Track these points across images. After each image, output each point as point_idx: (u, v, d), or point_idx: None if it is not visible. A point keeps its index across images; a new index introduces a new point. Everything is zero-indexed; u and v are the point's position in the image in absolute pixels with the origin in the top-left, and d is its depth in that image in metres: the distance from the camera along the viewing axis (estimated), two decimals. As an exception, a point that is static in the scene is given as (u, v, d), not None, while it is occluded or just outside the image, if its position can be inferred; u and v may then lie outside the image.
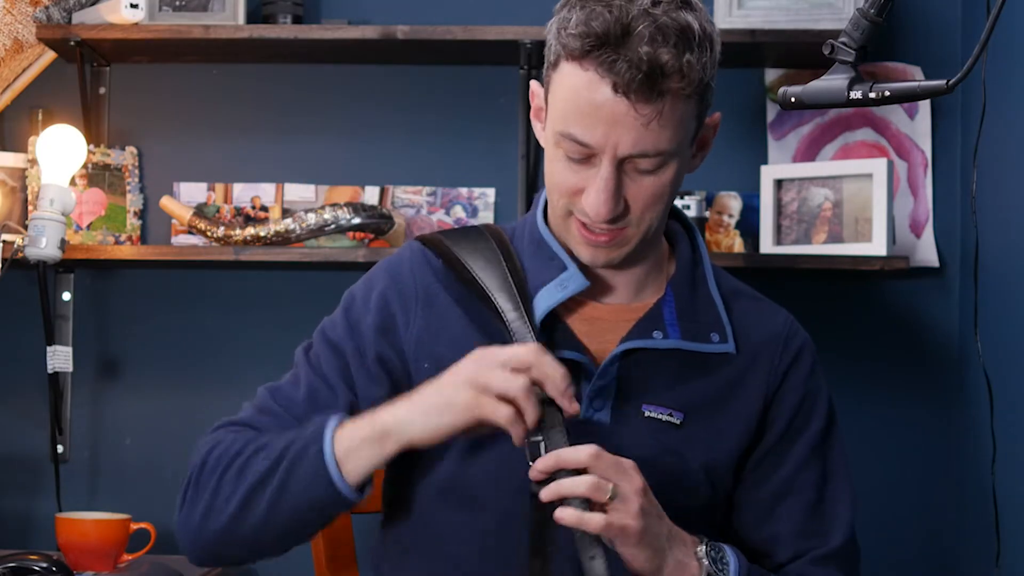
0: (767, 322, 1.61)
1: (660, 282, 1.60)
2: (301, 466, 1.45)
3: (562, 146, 1.47)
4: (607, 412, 1.52)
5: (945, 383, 2.57)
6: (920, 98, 1.29)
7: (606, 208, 1.45)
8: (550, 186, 1.53)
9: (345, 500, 1.44)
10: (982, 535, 2.34)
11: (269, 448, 1.49)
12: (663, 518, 1.41)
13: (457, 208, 2.61)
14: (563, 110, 1.46)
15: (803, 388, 1.59)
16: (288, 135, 2.64)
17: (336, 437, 1.44)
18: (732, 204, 2.58)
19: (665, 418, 1.53)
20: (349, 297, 1.62)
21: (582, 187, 1.47)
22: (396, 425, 1.42)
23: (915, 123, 2.58)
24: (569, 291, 1.53)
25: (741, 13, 2.50)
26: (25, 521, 2.60)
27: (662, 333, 1.54)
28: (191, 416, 2.62)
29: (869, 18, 1.28)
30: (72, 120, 2.53)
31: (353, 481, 1.44)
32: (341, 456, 1.43)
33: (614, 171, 1.45)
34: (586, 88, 1.43)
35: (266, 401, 1.59)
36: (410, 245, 1.62)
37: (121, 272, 2.65)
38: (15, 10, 2.48)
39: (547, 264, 1.55)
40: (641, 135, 1.43)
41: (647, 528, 1.38)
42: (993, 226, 2.35)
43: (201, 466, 1.53)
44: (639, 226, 1.50)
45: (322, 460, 1.43)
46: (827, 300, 2.57)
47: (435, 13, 2.57)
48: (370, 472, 1.45)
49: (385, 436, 1.42)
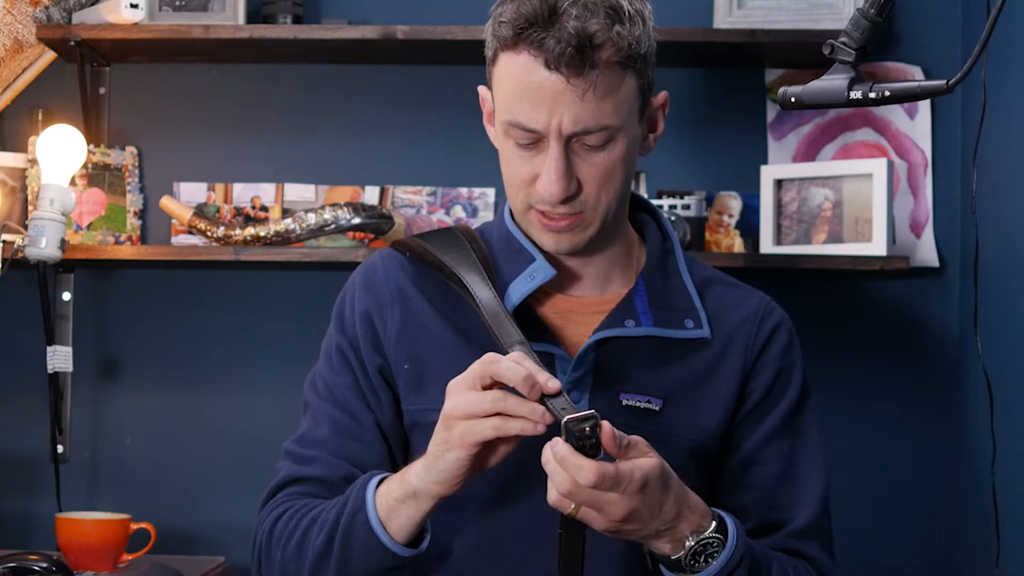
0: (741, 304, 1.63)
1: (631, 272, 1.62)
2: (354, 539, 1.46)
3: (511, 135, 1.50)
4: (585, 404, 1.53)
5: (945, 383, 2.57)
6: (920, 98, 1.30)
7: (559, 187, 1.48)
8: (507, 182, 1.56)
9: (404, 559, 1.46)
10: (982, 535, 2.34)
11: (321, 522, 1.50)
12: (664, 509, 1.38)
13: (457, 208, 2.61)
14: (506, 99, 1.50)
15: (779, 363, 1.61)
16: (288, 135, 2.64)
17: (377, 502, 1.46)
18: (732, 204, 2.58)
19: (644, 405, 1.55)
20: (338, 313, 1.64)
21: (536, 174, 1.50)
22: (420, 483, 1.43)
23: (915, 123, 2.58)
24: (538, 281, 1.56)
25: (741, 13, 2.50)
26: (25, 521, 2.60)
27: (634, 321, 1.56)
28: (191, 416, 2.62)
29: (869, 18, 1.28)
30: (72, 120, 2.53)
31: (403, 538, 1.45)
32: (385, 519, 1.45)
33: (562, 151, 1.48)
34: (522, 72, 1.47)
35: (296, 450, 1.60)
36: (382, 251, 1.66)
37: (121, 272, 2.65)
38: (15, 10, 2.48)
39: (516, 258, 1.58)
40: (580, 110, 1.46)
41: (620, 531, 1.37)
42: (993, 226, 2.35)
43: (264, 547, 1.56)
44: (596, 208, 1.52)
45: (370, 529, 1.45)
46: (827, 300, 2.57)
47: (435, 13, 2.57)
48: (418, 527, 1.46)
49: (416, 496, 1.44)
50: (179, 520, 2.57)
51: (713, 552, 1.41)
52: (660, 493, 1.37)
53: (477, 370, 1.40)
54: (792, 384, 1.61)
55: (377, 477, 1.48)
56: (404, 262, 1.63)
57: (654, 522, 1.38)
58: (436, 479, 1.42)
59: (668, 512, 1.38)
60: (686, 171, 2.59)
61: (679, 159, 2.58)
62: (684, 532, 1.40)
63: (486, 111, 1.61)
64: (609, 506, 1.34)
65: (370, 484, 1.47)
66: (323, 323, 1.68)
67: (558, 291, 1.59)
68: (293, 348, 2.54)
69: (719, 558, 1.41)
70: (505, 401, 1.37)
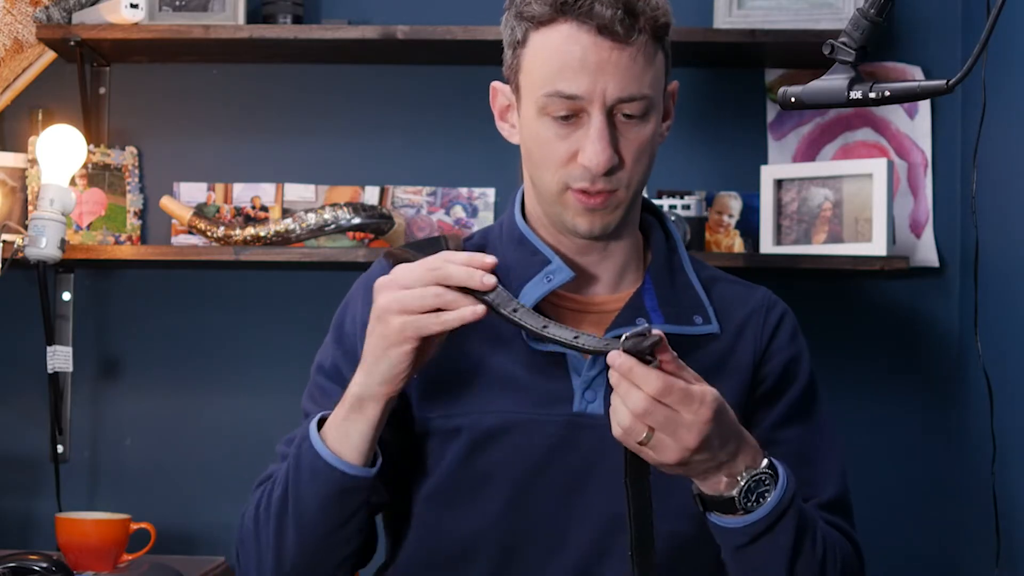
0: (746, 299, 1.65)
1: (639, 272, 1.62)
2: (303, 471, 1.46)
3: (548, 110, 1.50)
4: (600, 403, 1.53)
5: (945, 383, 2.57)
6: (920, 98, 1.30)
7: (605, 155, 1.48)
8: (541, 165, 1.54)
9: (355, 478, 1.45)
10: (982, 535, 2.33)
11: (276, 478, 1.52)
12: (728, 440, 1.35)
13: (457, 208, 2.61)
14: (544, 74, 1.50)
15: (788, 350, 1.62)
16: (288, 135, 2.64)
17: (323, 432, 1.46)
18: (732, 204, 2.58)
19: None
20: (337, 325, 1.64)
21: (573, 151, 1.50)
22: (363, 388, 1.44)
23: (915, 123, 2.58)
24: (555, 283, 1.55)
25: (741, 13, 2.50)
26: (25, 521, 2.60)
27: (645, 319, 1.56)
28: (191, 416, 2.63)
29: (869, 18, 1.28)
30: (72, 120, 2.53)
31: (357, 459, 1.45)
32: (335, 444, 1.45)
33: (605, 119, 1.48)
34: (565, 42, 1.48)
35: (282, 449, 1.61)
36: (379, 260, 1.66)
37: (121, 272, 2.65)
38: (15, 10, 2.48)
39: (530, 259, 1.57)
40: (626, 77, 1.47)
41: (690, 462, 1.33)
42: (993, 226, 2.35)
43: (240, 529, 1.56)
44: (628, 187, 1.52)
45: (315, 453, 1.45)
46: (827, 300, 2.57)
47: (435, 13, 2.57)
48: (369, 443, 1.45)
49: (360, 403, 1.44)
50: (179, 520, 2.57)
51: (764, 491, 1.38)
52: (727, 420, 1.35)
53: (420, 274, 1.40)
54: (802, 369, 1.63)
55: (322, 413, 1.49)
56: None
57: (721, 453, 1.35)
58: (380, 379, 1.42)
59: (732, 443, 1.36)
60: (686, 171, 2.59)
61: (679, 159, 2.58)
62: (740, 467, 1.37)
63: (499, 107, 1.61)
64: (683, 430, 1.31)
65: (315, 418, 1.48)
66: (323, 323, 1.67)
67: (570, 292, 1.59)
68: (293, 348, 2.54)
69: (772, 495, 1.39)
70: (445, 296, 1.39)
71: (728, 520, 1.40)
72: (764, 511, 1.39)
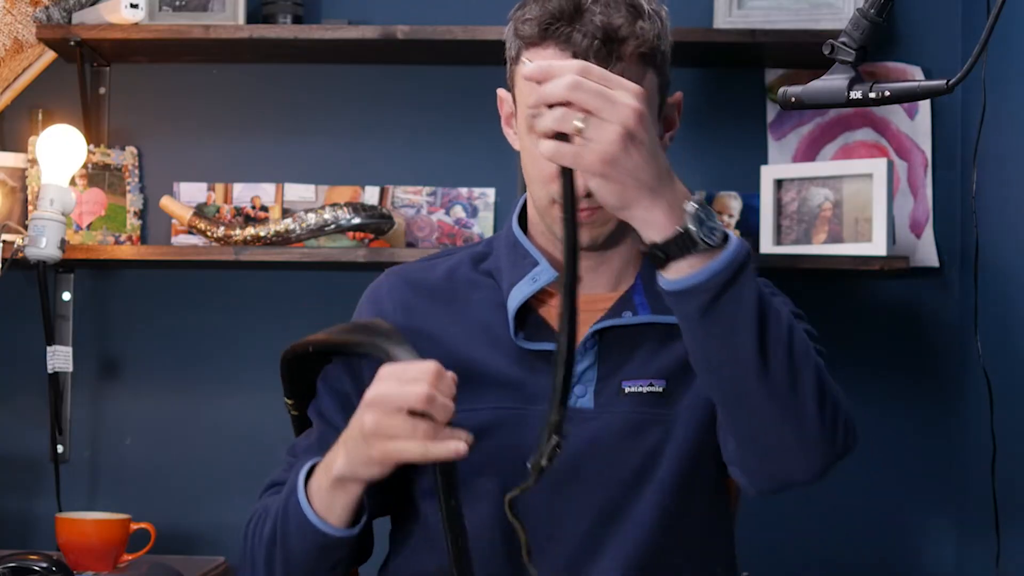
0: None
1: (632, 275, 1.63)
2: (290, 522, 1.49)
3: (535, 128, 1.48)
4: (590, 398, 1.55)
5: (945, 383, 2.56)
6: (920, 98, 1.30)
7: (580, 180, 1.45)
8: (531, 178, 1.58)
9: (340, 539, 1.47)
10: (982, 535, 2.34)
11: (269, 510, 1.54)
12: (658, 158, 1.25)
13: (457, 208, 2.61)
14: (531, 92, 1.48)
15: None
16: (288, 135, 2.64)
17: (309, 489, 1.48)
18: (732, 204, 2.58)
19: (647, 390, 1.55)
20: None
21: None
22: (344, 471, 1.44)
23: (915, 123, 2.58)
24: (539, 283, 1.57)
25: (741, 13, 2.50)
26: (25, 521, 2.60)
27: (632, 312, 1.57)
28: (191, 416, 2.62)
29: (869, 18, 1.28)
30: (72, 120, 2.53)
31: (341, 524, 1.47)
32: (321, 509, 1.47)
33: None
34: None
35: (288, 457, 1.65)
36: (387, 273, 1.69)
37: (121, 272, 2.65)
38: (15, 10, 2.48)
39: (520, 263, 1.61)
40: None
41: (618, 159, 1.23)
42: (993, 226, 2.35)
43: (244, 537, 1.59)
44: None
45: (301, 512, 1.47)
46: (827, 300, 2.57)
47: (435, 13, 2.57)
48: (352, 511, 1.47)
49: (343, 483, 1.45)
50: (179, 520, 2.57)
51: (714, 226, 1.27)
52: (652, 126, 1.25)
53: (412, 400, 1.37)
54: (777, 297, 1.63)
55: (311, 462, 1.50)
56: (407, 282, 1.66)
57: (649, 166, 1.24)
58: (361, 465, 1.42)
59: (662, 159, 1.26)
60: (686, 171, 2.58)
61: (679, 159, 2.56)
62: (680, 197, 1.27)
63: (505, 113, 1.65)
64: (618, 106, 1.21)
65: (303, 470, 1.50)
66: (323, 323, 1.67)
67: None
68: (293, 348, 2.54)
69: (731, 238, 1.29)
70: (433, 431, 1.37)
71: (689, 277, 1.28)
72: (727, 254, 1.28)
